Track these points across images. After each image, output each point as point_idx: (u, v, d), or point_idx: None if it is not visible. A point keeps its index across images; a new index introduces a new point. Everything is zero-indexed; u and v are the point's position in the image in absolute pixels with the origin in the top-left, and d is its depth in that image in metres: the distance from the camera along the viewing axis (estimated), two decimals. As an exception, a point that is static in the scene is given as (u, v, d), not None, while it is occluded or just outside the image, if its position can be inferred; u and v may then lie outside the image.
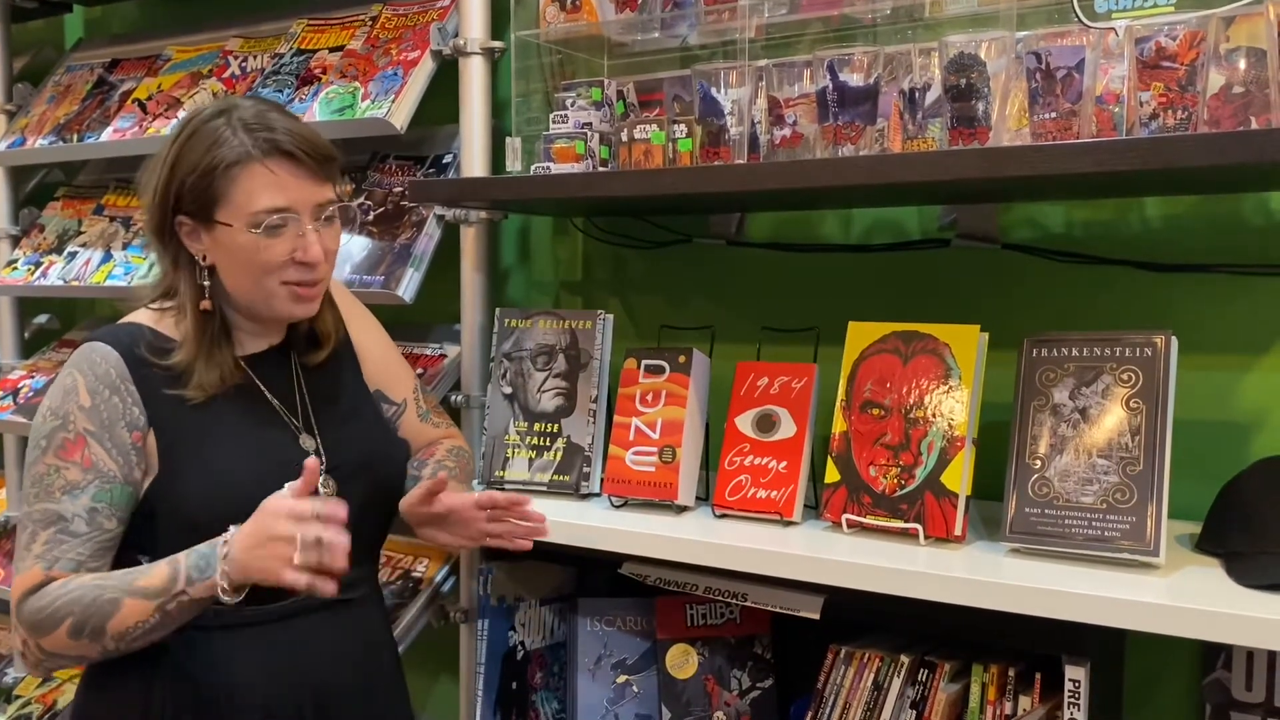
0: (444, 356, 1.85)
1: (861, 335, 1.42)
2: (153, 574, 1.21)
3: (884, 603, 1.25)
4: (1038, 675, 1.34)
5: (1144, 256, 1.46)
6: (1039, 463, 1.27)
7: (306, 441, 1.36)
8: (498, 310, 1.67)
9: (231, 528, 1.19)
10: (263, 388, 1.36)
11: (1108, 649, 1.38)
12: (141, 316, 1.34)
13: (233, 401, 1.32)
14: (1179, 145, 1.10)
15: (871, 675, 1.44)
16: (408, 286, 1.77)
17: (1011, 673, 1.37)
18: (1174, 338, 1.24)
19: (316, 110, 1.87)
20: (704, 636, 1.69)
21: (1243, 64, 1.27)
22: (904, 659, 1.44)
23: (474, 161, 1.76)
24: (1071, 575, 1.18)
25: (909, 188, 1.38)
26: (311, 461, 1.18)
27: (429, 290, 1.81)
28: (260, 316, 1.35)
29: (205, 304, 1.31)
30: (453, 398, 1.77)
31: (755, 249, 1.74)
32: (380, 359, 1.51)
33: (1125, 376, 1.25)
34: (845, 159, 1.32)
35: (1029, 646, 1.35)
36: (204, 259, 1.31)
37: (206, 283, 1.31)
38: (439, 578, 1.84)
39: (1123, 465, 1.22)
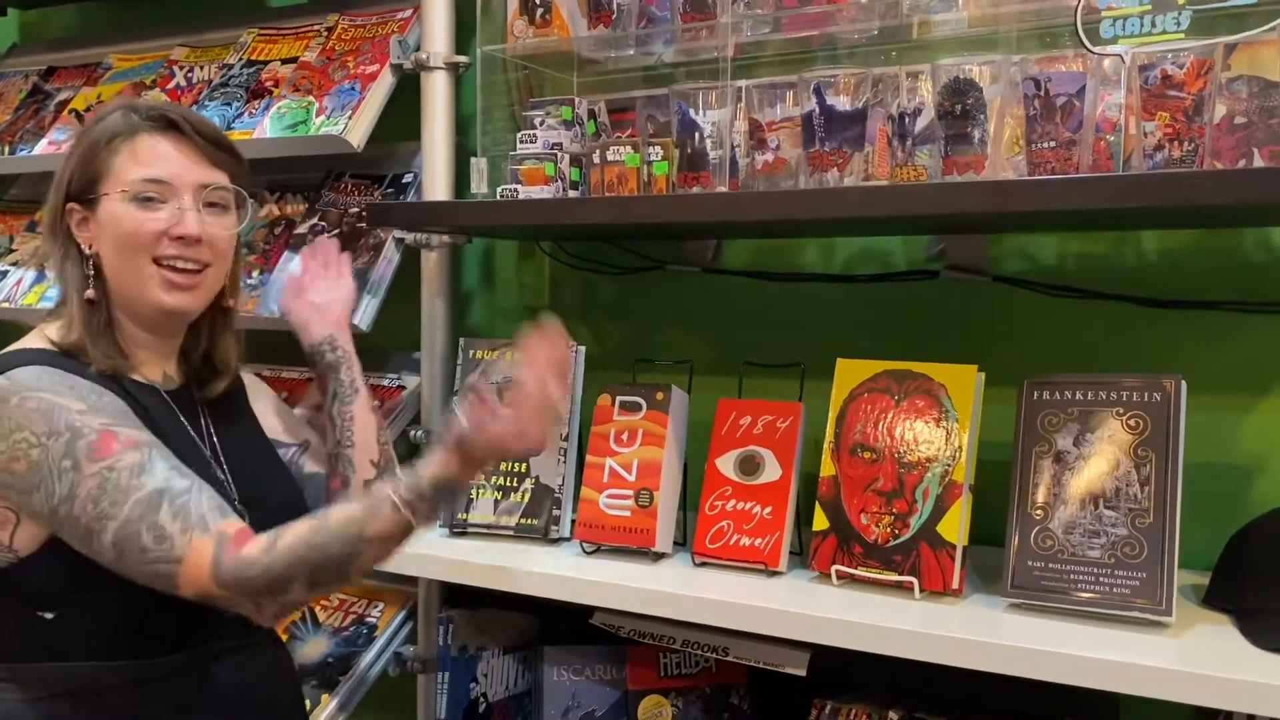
0: (403, 388, 1.74)
1: (851, 373, 1.34)
2: (379, 516, 1.13)
3: (872, 656, 1.17)
4: (1034, 734, 1.27)
5: (1141, 292, 1.40)
6: (1041, 513, 1.20)
7: (217, 472, 1.28)
8: (462, 340, 1.57)
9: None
10: (179, 413, 1.29)
11: (1101, 704, 1.31)
12: (29, 340, 1.25)
13: (157, 425, 1.24)
14: (1197, 182, 1.04)
15: (858, 732, 1.37)
16: (364, 314, 1.67)
17: (1007, 731, 1.31)
18: (1183, 381, 1.17)
19: (267, 126, 1.76)
20: (678, 687, 1.60)
21: (1245, 93, 1.21)
22: (892, 716, 1.36)
23: (436, 182, 1.66)
24: (1077, 635, 1.11)
25: (904, 220, 1.31)
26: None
27: (387, 317, 1.71)
28: (140, 312, 1.26)
29: (90, 293, 1.24)
30: (411, 433, 1.67)
31: (733, 277, 1.65)
32: (275, 413, 1.45)
33: (1133, 423, 1.18)
34: (838, 190, 1.24)
35: (1024, 705, 1.28)
36: (90, 248, 1.25)
37: (91, 273, 1.25)
38: (395, 625, 1.73)
39: (1131, 517, 1.15)
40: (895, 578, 1.25)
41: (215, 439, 1.31)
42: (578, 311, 1.82)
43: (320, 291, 1.47)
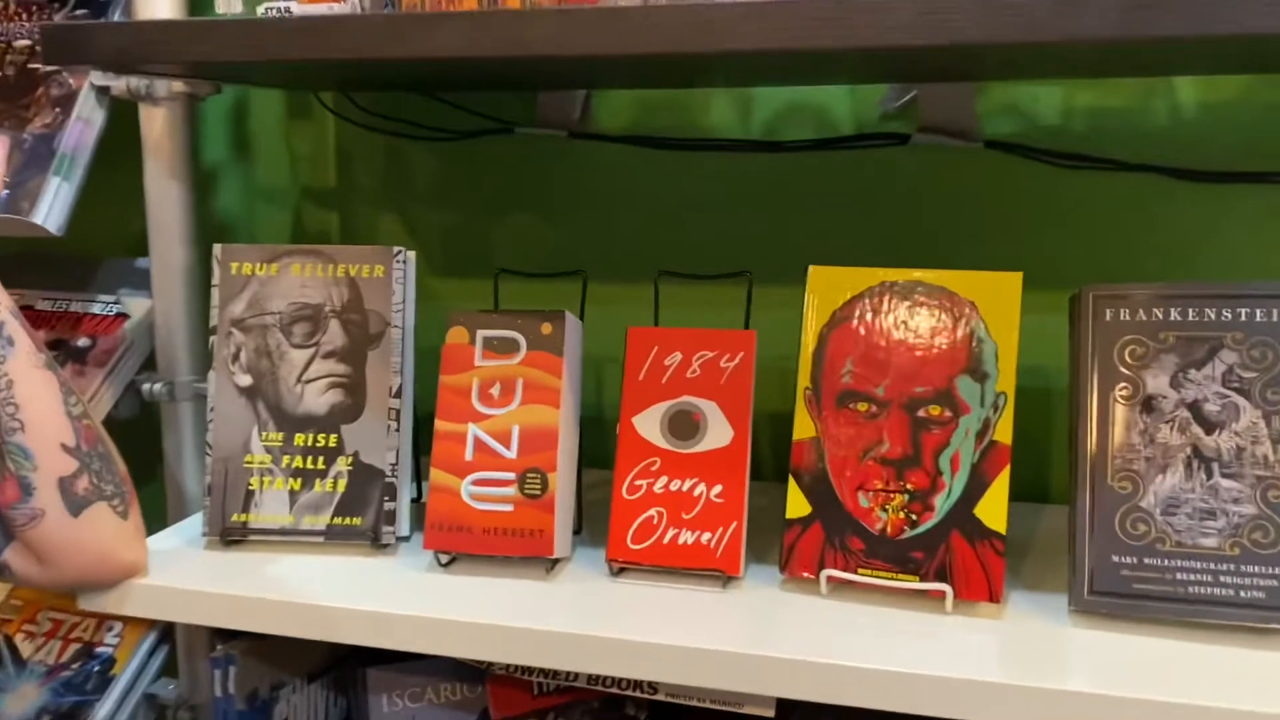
0: (125, 316, 1.17)
1: (832, 286, 0.92)
2: None
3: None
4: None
5: (1177, 161, 1.05)
6: (1128, 486, 0.84)
7: None
8: (217, 249, 1.01)
9: None
10: None
11: None
12: None
13: None
14: None
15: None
16: (51, 208, 1.07)
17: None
18: (1324, 292, 0.83)
19: None
20: (556, 704, 1.18)
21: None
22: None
23: (155, -4, 1.07)
24: (1198, 665, 0.77)
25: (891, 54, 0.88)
26: None
27: (89, 210, 1.12)
28: None
29: None
30: (144, 386, 1.11)
31: (616, 145, 1.18)
32: None
33: (1257, 353, 0.83)
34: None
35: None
36: None
37: None
38: (142, 654, 1.20)
39: (1261, 489, 0.81)
40: (916, 585, 0.86)
41: None
42: (383, 196, 1.29)
43: None
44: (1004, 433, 0.86)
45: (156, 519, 1.06)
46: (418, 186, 1.26)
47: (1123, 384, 0.85)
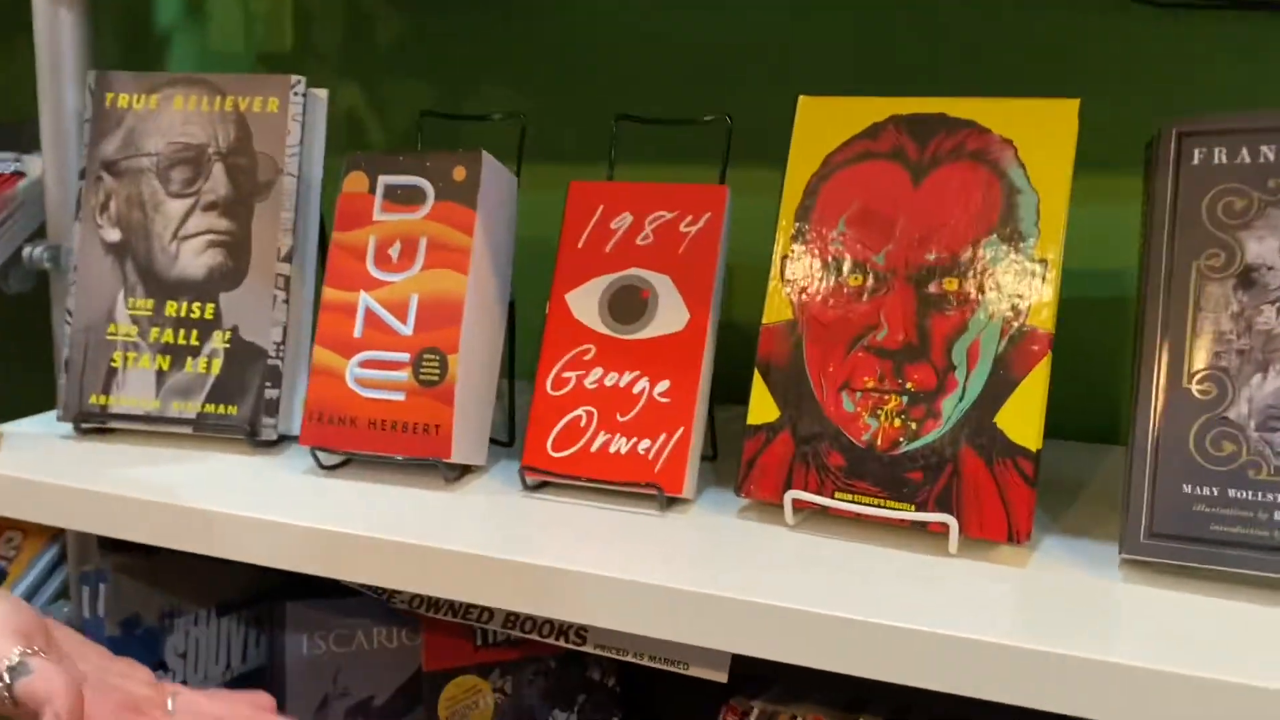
0: (20, 176, 1.01)
1: (827, 123, 0.70)
2: None
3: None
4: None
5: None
6: (1210, 389, 0.60)
7: None
8: (91, 75, 0.85)
9: None
10: None
11: None
12: None
13: None
14: None
15: (808, 754, 0.80)
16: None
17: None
18: None
19: None
20: (505, 660, 1.00)
21: None
22: (865, 726, 0.80)
23: None
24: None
25: None
26: None
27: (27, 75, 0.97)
28: None
29: None
30: (29, 250, 0.95)
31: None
32: None
33: None
34: None
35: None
36: None
37: None
38: (35, 575, 1.05)
39: None
40: (911, 515, 0.64)
41: None
42: (341, 62, 1.11)
43: None
44: (1041, 316, 0.64)
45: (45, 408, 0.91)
46: (382, 52, 1.09)
47: (1212, 249, 0.61)
